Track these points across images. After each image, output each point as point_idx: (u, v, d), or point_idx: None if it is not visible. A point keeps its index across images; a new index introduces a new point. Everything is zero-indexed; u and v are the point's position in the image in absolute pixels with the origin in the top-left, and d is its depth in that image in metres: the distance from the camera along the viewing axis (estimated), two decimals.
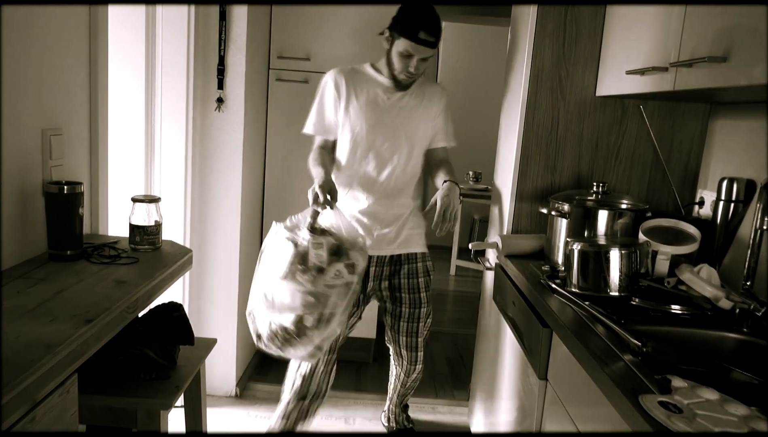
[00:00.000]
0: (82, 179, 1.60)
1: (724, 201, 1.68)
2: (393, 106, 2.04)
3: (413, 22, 1.89)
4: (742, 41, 1.18)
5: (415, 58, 1.92)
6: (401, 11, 1.94)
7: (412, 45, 1.89)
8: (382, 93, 2.04)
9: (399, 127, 2.05)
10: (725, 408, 0.97)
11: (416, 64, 1.94)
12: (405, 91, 2.05)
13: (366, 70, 2.08)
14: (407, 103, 2.06)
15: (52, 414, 0.98)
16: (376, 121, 2.03)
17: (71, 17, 1.53)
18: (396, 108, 2.04)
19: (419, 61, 1.93)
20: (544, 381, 1.52)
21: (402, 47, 1.91)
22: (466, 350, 3.38)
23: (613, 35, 1.86)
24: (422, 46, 1.90)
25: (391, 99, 2.04)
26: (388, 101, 2.04)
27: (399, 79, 1.99)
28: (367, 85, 2.05)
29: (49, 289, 1.22)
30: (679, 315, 1.43)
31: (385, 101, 2.04)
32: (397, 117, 2.05)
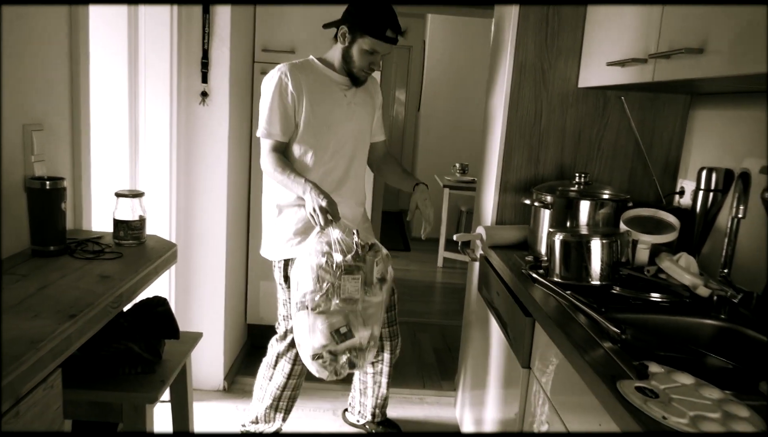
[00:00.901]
0: (64, 174, 1.59)
1: (703, 190, 1.70)
2: (349, 103, 2.01)
3: (379, 20, 1.87)
4: (717, 34, 1.20)
5: (379, 55, 1.92)
6: (360, 8, 1.90)
7: (378, 43, 1.88)
8: (338, 90, 1.99)
9: (355, 124, 2.03)
10: (700, 392, 1.00)
11: (378, 60, 1.94)
12: (359, 86, 2.02)
13: (317, 66, 1.99)
14: (359, 99, 2.04)
15: (36, 409, 0.98)
16: (335, 119, 1.97)
17: (52, 12, 1.51)
18: (352, 105, 2.01)
19: (380, 57, 1.94)
20: (528, 370, 1.54)
21: (367, 45, 1.89)
22: (453, 341, 3.41)
23: (594, 27, 1.88)
24: (388, 43, 1.90)
25: (347, 96, 2.00)
26: (345, 99, 1.99)
27: (358, 75, 1.97)
28: (321, 82, 1.97)
29: (32, 285, 1.22)
30: (659, 302, 1.46)
31: (341, 99, 1.99)
32: (354, 114, 2.02)
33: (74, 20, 1.60)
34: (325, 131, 1.96)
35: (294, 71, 1.93)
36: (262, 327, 3.05)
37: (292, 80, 1.91)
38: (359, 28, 1.89)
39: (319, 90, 1.95)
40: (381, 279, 1.85)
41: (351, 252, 1.79)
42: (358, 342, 1.85)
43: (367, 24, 1.88)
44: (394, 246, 5.56)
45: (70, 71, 1.62)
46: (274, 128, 1.93)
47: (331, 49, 2.01)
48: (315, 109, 1.93)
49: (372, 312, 1.85)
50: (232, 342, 2.81)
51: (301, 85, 1.92)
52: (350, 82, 1.99)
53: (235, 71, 2.49)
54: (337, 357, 1.84)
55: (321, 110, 1.95)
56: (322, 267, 1.77)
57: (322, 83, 1.97)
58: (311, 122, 1.94)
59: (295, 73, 1.93)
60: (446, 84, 6.00)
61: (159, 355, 1.59)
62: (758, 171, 1.54)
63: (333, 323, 1.80)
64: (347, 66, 1.95)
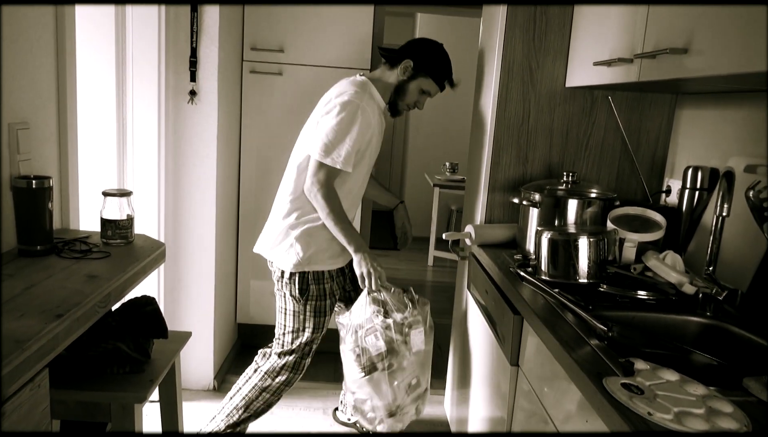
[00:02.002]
0: (51, 173, 1.58)
1: (689, 189, 1.72)
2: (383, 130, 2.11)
3: (445, 69, 2.04)
4: (701, 34, 1.21)
5: (427, 97, 2.08)
6: (430, 51, 2.03)
7: (435, 87, 2.05)
8: (385, 118, 2.10)
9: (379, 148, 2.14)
10: (685, 388, 1.01)
11: (425, 101, 2.09)
12: (394, 117, 2.15)
13: (375, 96, 2.02)
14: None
15: (23, 409, 0.98)
16: (379, 148, 2.10)
17: (38, 11, 1.50)
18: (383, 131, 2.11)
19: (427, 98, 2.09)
20: (516, 368, 1.55)
21: (427, 86, 2.03)
22: (443, 339, 3.40)
23: (581, 27, 1.89)
24: (441, 90, 2.08)
25: (383, 124, 2.09)
26: (383, 126, 2.09)
27: (400, 108, 2.08)
28: (380, 115, 2.05)
29: (18, 285, 1.21)
30: (645, 300, 1.47)
31: (384, 127, 2.09)
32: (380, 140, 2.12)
33: (60, 18, 1.59)
34: (369, 163, 2.07)
35: (369, 103, 1.95)
36: (252, 327, 3.05)
37: (370, 114, 1.94)
38: (425, 69, 2.01)
39: (379, 125, 2.02)
40: (431, 327, 2.03)
41: (406, 308, 1.96)
42: (424, 387, 2.03)
43: (434, 68, 2.02)
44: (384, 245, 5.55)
45: (57, 69, 1.61)
46: (349, 160, 1.90)
47: (381, 73, 2.07)
48: (375, 144, 2.03)
49: (429, 355, 2.04)
50: (222, 341, 2.80)
51: (372, 121, 1.96)
52: (391, 114, 2.11)
53: (223, 70, 2.48)
54: (405, 409, 2.01)
55: (376, 145, 2.04)
56: (389, 327, 1.91)
57: (380, 116, 2.05)
58: (367, 157, 2.02)
59: (370, 104, 1.95)
60: None
61: (147, 355, 1.58)
62: (743, 169, 1.56)
63: (405, 377, 1.95)
64: (396, 97, 2.06)
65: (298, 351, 2.07)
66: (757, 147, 1.54)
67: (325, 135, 1.88)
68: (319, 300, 2.03)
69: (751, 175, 1.52)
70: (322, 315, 2.05)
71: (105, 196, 1.59)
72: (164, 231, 2.43)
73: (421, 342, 1.95)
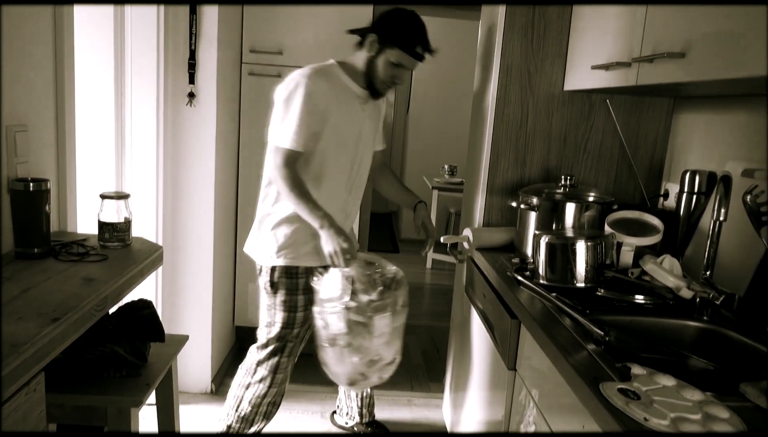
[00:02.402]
0: (48, 176, 1.58)
1: (687, 193, 1.72)
2: (365, 115, 1.98)
3: (411, 34, 1.85)
4: (699, 38, 1.21)
5: (404, 70, 1.89)
6: (394, 19, 1.87)
7: (407, 57, 1.86)
8: (357, 104, 1.95)
9: (365, 138, 2.01)
10: (681, 393, 1.01)
11: (404, 75, 1.91)
12: (377, 99, 2.00)
13: (338, 74, 1.92)
14: (371, 111, 2.02)
15: (18, 413, 0.97)
16: (351, 135, 1.95)
17: (36, 12, 1.50)
18: (366, 117, 1.99)
19: (406, 72, 1.91)
20: (513, 372, 1.55)
21: (395, 58, 1.85)
22: (441, 342, 3.41)
23: (579, 31, 1.89)
24: (416, 59, 1.88)
25: (364, 109, 1.97)
26: (361, 113, 1.96)
27: (379, 88, 1.93)
28: (344, 94, 1.91)
29: (15, 288, 1.21)
30: (643, 304, 1.47)
31: (359, 113, 1.95)
32: (365, 128, 1.99)
33: (59, 20, 1.59)
34: (341, 147, 1.93)
35: (319, 79, 1.84)
36: (250, 329, 3.02)
37: (319, 89, 1.83)
38: (389, 39, 1.85)
39: (341, 105, 1.89)
40: (404, 305, 1.89)
41: (376, 287, 1.82)
42: (387, 361, 1.93)
43: (399, 36, 1.84)
44: (383, 247, 5.57)
45: (55, 72, 1.61)
46: (299, 139, 1.82)
47: (353, 56, 1.95)
48: (337, 124, 1.88)
49: (399, 331, 1.91)
50: (220, 344, 2.80)
51: (327, 97, 1.84)
52: (368, 95, 1.95)
53: (222, 72, 2.49)
54: (368, 377, 1.92)
55: (340, 125, 1.89)
56: (353, 309, 1.79)
57: (345, 95, 1.91)
58: (331, 138, 1.89)
59: (320, 81, 1.84)
60: (435, 86, 6.02)
61: (144, 358, 1.58)
62: (740, 174, 1.56)
63: (365, 355, 1.86)
64: (369, 77, 1.91)
65: (270, 346, 2.01)
66: (755, 151, 1.54)
67: (273, 118, 1.88)
68: (289, 295, 1.96)
69: (748, 179, 1.52)
70: (292, 311, 1.97)
71: (102, 198, 1.59)
72: (162, 234, 2.43)
73: (386, 326, 1.83)
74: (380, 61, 1.87)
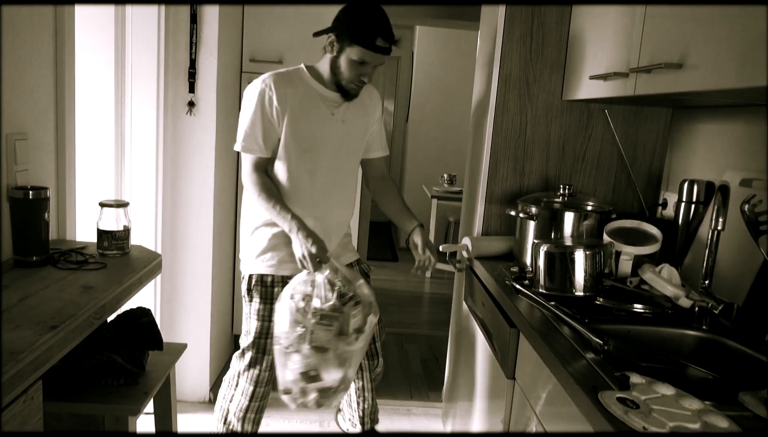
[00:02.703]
0: (48, 184, 1.58)
1: (685, 202, 1.72)
2: (339, 121, 1.87)
3: (368, 28, 1.72)
4: (696, 49, 1.22)
5: (370, 66, 1.78)
6: (349, 15, 1.76)
7: (368, 53, 1.74)
8: (326, 107, 1.85)
9: (345, 144, 1.91)
10: (680, 402, 1.01)
11: (370, 71, 1.79)
12: (350, 100, 1.87)
13: (305, 78, 1.85)
14: (351, 114, 1.90)
15: (15, 422, 0.97)
16: (320, 140, 1.84)
17: (36, 18, 1.51)
18: (339, 121, 1.87)
19: (372, 68, 1.79)
20: (512, 381, 1.55)
21: (356, 55, 1.74)
22: (440, 351, 3.40)
23: (577, 41, 1.90)
24: (378, 54, 1.75)
25: (335, 114, 1.86)
26: (333, 117, 1.85)
27: (347, 88, 1.82)
28: (308, 97, 1.83)
29: (13, 296, 1.21)
30: (641, 313, 1.47)
31: (328, 117, 1.85)
32: (345, 133, 1.89)
33: (59, 28, 1.60)
34: (306, 153, 1.83)
35: (279, 82, 1.80)
36: None
37: (277, 92, 1.78)
38: (348, 36, 1.74)
39: (304, 106, 1.81)
40: (358, 330, 1.73)
41: (331, 299, 1.70)
42: (328, 385, 1.75)
43: (356, 32, 1.73)
44: (382, 256, 5.56)
45: (55, 80, 1.62)
46: (255, 143, 1.81)
47: (321, 60, 1.86)
48: (296, 127, 1.80)
49: (348, 357, 1.74)
50: (219, 352, 2.79)
51: (286, 99, 1.79)
52: (341, 97, 1.86)
53: (222, 81, 2.49)
54: (306, 394, 1.76)
55: (303, 129, 1.81)
56: (300, 310, 1.68)
57: (309, 98, 1.83)
58: (291, 142, 1.81)
59: (281, 84, 1.80)
60: (434, 95, 6.04)
61: (142, 366, 1.58)
62: (738, 183, 1.57)
63: (303, 365, 1.71)
64: (335, 78, 1.82)
65: (247, 355, 1.93)
66: (753, 161, 1.54)
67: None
68: (263, 303, 1.89)
69: (746, 188, 1.53)
70: (266, 320, 1.88)
71: (102, 206, 1.59)
72: (161, 243, 2.43)
73: (327, 341, 1.70)
74: (342, 60, 1.78)
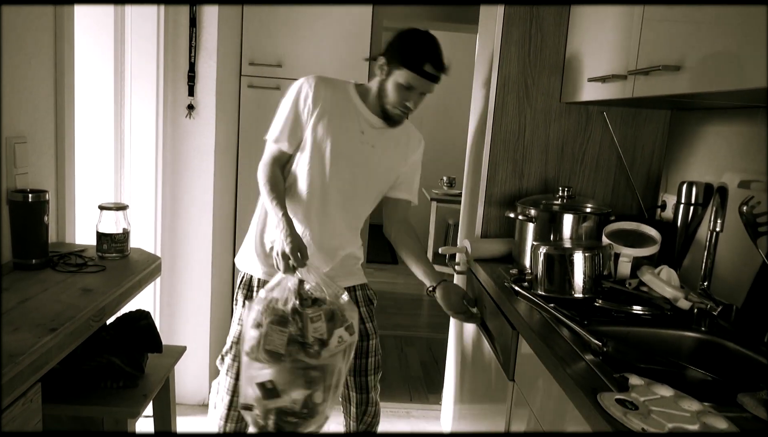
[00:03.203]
0: (47, 187, 1.58)
1: (684, 204, 1.73)
2: (366, 140, 1.80)
3: (419, 52, 1.70)
4: (693, 52, 1.23)
5: (416, 92, 1.74)
6: (402, 39, 1.74)
7: (416, 77, 1.70)
8: (357, 124, 1.79)
9: (366, 166, 1.82)
10: (679, 404, 1.01)
11: (416, 98, 1.75)
12: (393, 127, 1.81)
13: (348, 90, 1.81)
14: (383, 142, 1.82)
15: (14, 424, 0.97)
16: (338, 153, 1.77)
17: (36, 21, 1.52)
18: (368, 144, 1.80)
19: (419, 95, 1.75)
20: (512, 383, 1.55)
21: (403, 79, 1.70)
22: (440, 354, 3.40)
23: (576, 44, 1.91)
24: (426, 79, 1.71)
25: (366, 132, 1.79)
26: (361, 136, 1.79)
27: (391, 113, 1.76)
28: (344, 107, 1.78)
29: (12, 298, 1.21)
30: (640, 315, 1.47)
31: (356, 135, 1.79)
32: (367, 153, 1.81)
33: (59, 32, 1.60)
34: (323, 159, 1.76)
35: (321, 83, 1.76)
36: None
37: (314, 90, 1.75)
38: (397, 60, 1.71)
39: (336, 113, 1.76)
40: (321, 341, 1.53)
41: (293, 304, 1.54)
42: (288, 405, 1.54)
43: (406, 55, 1.70)
44: (381, 258, 5.56)
45: (55, 83, 1.62)
46: (280, 135, 1.76)
47: (371, 82, 1.82)
48: (321, 135, 1.75)
49: (316, 375, 1.54)
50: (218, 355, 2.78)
51: (321, 99, 1.74)
52: (382, 122, 1.79)
53: (221, 84, 2.50)
54: (268, 415, 1.56)
55: (326, 134, 1.75)
56: (263, 312, 1.55)
57: (344, 109, 1.78)
58: (311, 143, 1.75)
59: (321, 85, 1.76)
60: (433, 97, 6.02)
61: (141, 369, 1.58)
62: (737, 185, 1.57)
63: (261, 374, 1.54)
64: (381, 100, 1.76)
65: (225, 359, 1.86)
66: (751, 162, 1.55)
67: None
68: (244, 307, 1.79)
69: (745, 190, 1.53)
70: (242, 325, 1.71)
71: (101, 209, 1.59)
72: (160, 245, 2.43)
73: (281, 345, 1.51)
74: (389, 83, 1.74)
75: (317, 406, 1.57)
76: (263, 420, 1.56)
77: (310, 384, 1.54)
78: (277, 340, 1.50)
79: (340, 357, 1.58)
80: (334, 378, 1.58)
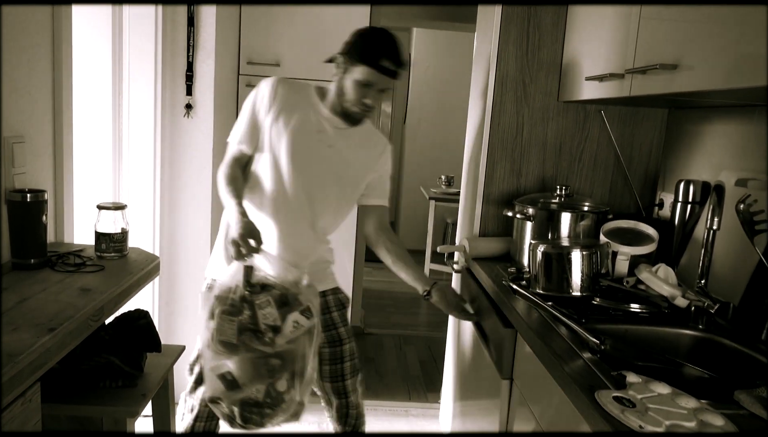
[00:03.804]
0: (46, 187, 1.58)
1: (681, 202, 1.73)
2: (322, 140, 1.76)
3: (375, 48, 1.67)
4: (690, 50, 1.23)
5: (374, 89, 1.69)
6: (359, 36, 1.72)
7: (373, 73, 1.65)
8: (315, 124, 1.75)
9: (323, 166, 1.77)
10: (676, 401, 1.01)
11: (374, 94, 1.70)
12: (353, 125, 1.77)
13: (307, 90, 1.79)
14: (342, 144, 1.78)
15: (14, 424, 0.97)
16: (295, 150, 1.73)
17: (34, 20, 1.52)
18: (324, 144, 1.76)
19: (377, 91, 1.70)
20: (509, 381, 1.55)
21: (360, 75, 1.66)
22: (439, 353, 3.40)
23: (573, 43, 1.91)
24: (384, 75, 1.67)
25: (323, 131, 1.75)
26: (318, 134, 1.75)
27: (350, 111, 1.72)
28: (301, 107, 1.75)
29: (11, 298, 1.21)
30: (638, 313, 1.48)
31: (313, 132, 1.75)
32: (324, 154, 1.76)
33: (57, 32, 1.60)
34: (277, 158, 1.72)
35: (279, 84, 1.75)
36: None
37: (271, 91, 1.73)
38: (355, 57, 1.67)
39: (292, 113, 1.73)
40: (274, 328, 1.48)
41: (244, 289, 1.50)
42: (252, 397, 1.51)
43: (361, 51, 1.67)
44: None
45: (53, 83, 1.62)
46: (239, 136, 1.74)
47: (331, 83, 1.77)
48: (276, 136, 1.72)
49: (276, 363, 1.51)
50: None
51: (277, 98, 1.72)
52: (342, 121, 1.75)
53: (219, 84, 2.50)
54: (231, 407, 1.52)
55: (281, 134, 1.71)
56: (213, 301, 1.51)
57: (301, 108, 1.75)
58: (266, 142, 1.72)
59: (279, 85, 1.74)
60: (432, 96, 6.05)
61: (140, 369, 1.58)
62: (734, 183, 1.57)
63: (219, 365, 1.50)
64: (339, 99, 1.72)
65: (192, 373, 1.78)
66: (748, 161, 1.55)
67: None
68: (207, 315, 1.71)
69: (742, 188, 1.53)
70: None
71: (99, 209, 1.59)
72: (159, 245, 2.43)
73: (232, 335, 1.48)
74: (348, 81, 1.69)
75: (281, 394, 1.53)
76: (230, 413, 1.53)
77: (272, 372, 1.51)
78: (228, 330, 1.46)
79: (303, 342, 1.53)
80: (298, 365, 1.53)
